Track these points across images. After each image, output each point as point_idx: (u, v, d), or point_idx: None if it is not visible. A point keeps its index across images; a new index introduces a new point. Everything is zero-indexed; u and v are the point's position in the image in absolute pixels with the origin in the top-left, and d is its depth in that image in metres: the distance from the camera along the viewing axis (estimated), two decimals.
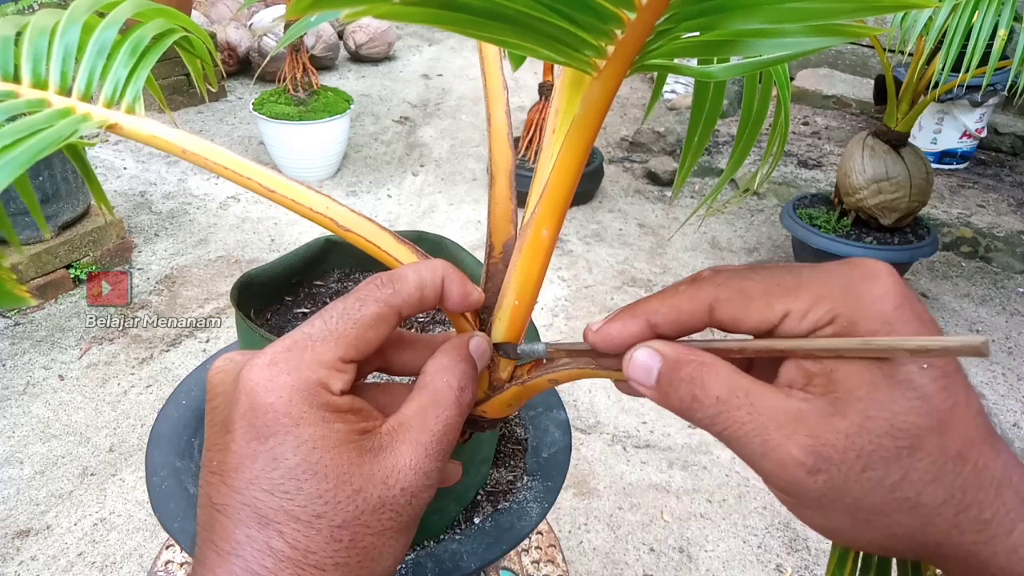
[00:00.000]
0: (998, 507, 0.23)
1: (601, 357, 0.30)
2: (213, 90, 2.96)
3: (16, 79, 0.35)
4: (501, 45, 0.25)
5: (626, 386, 0.31)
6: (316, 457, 0.25)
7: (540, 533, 1.04)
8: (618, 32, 0.25)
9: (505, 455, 0.59)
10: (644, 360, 0.26)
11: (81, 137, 0.32)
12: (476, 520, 0.53)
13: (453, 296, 0.30)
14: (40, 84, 0.35)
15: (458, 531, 0.53)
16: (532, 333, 0.55)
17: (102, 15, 0.38)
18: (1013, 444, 1.67)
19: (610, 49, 0.26)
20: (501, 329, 0.33)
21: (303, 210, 0.34)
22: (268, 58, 0.87)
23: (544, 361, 0.33)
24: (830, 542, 0.34)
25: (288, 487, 0.25)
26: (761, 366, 0.28)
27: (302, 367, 0.26)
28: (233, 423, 0.26)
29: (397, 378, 0.40)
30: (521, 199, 0.33)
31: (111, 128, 0.34)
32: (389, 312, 0.28)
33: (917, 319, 0.24)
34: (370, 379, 0.37)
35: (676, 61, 0.28)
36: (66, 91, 0.35)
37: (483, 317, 0.34)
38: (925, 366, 0.23)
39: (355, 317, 0.27)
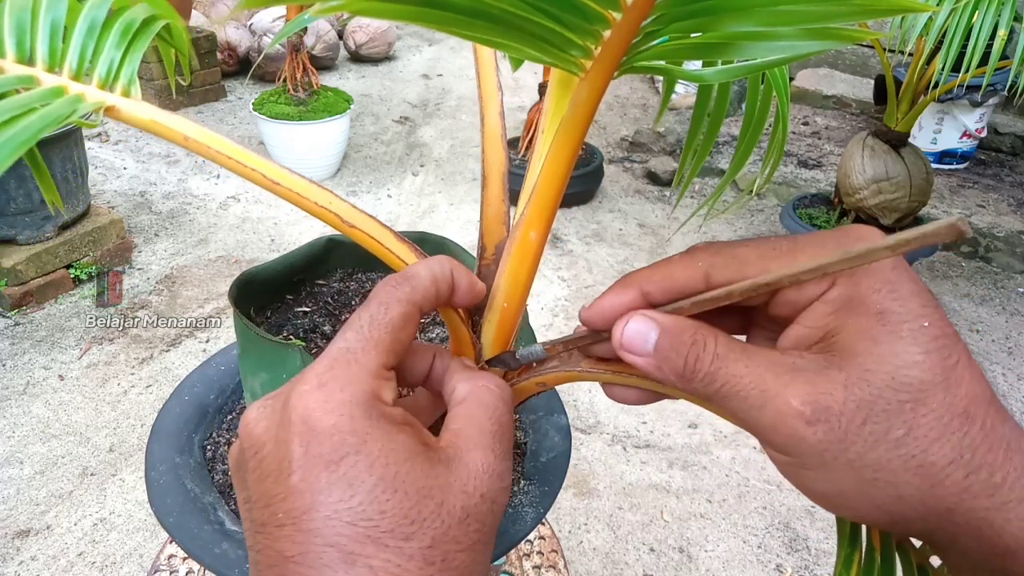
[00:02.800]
0: (1008, 471, 0.22)
1: (598, 343, 0.30)
2: (184, 82, 2.89)
3: None
4: (486, 44, 0.24)
5: (613, 390, 0.31)
6: (392, 472, 0.23)
7: (543, 538, 1.03)
8: (604, 32, 0.24)
9: None
10: (640, 328, 0.26)
11: (81, 118, 0.31)
12: None
13: (463, 287, 0.30)
14: (26, 60, 0.33)
15: None
16: (528, 335, 0.55)
17: None
18: None
19: (597, 50, 0.25)
20: (491, 332, 0.33)
21: (307, 204, 0.33)
22: (262, 55, 0.86)
23: (533, 364, 0.33)
24: (830, 541, 0.33)
25: (371, 512, 0.23)
26: (759, 340, 0.28)
27: (353, 381, 0.25)
28: (292, 462, 0.24)
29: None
30: (518, 199, 0.33)
31: (108, 111, 0.32)
32: (413, 310, 0.27)
33: (912, 281, 0.24)
34: None
35: (668, 63, 0.28)
36: (55, 69, 0.33)
37: (475, 319, 0.34)
38: (927, 323, 0.23)
39: (385, 321, 0.26)
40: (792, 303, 0.25)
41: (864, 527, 0.33)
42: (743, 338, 0.29)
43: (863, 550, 0.32)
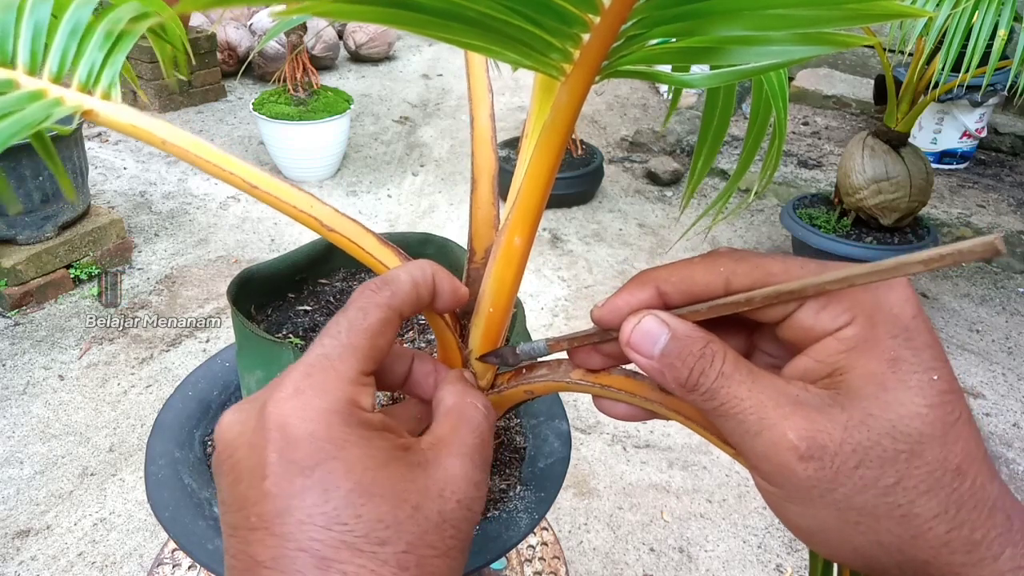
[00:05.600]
0: (989, 528, 0.22)
1: (605, 342, 0.29)
2: (182, 77, 2.90)
3: None
4: (464, 47, 0.24)
5: (603, 403, 0.31)
6: (369, 478, 0.23)
7: (545, 544, 1.03)
8: (583, 36, 0.24)
9: (501, 463, 0.59)
10: (652, 328, 0.26)
11: (58, 123, 0.31)
12: None
13: (445, 292, 0.29)
14: (7, 63, 0.33)
15: None
16: (524, 338, 0.54)
17: None
18: (1013, 444, 1.67)
19: (576, 53, 0.25)
20: (478, 336, 0.33)
21: (286, 208, 0.33)
22: (252, 54, 0.86)
23: (523, 370, 0.33)
24: None
25: (345, 517, 0.23)
26: (760, 365, 0.28)
27: (329, 388, 0.24)
28: (267, 467, 0.23)
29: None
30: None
31: (87, 115, 0.32)
32: (392, 315, 0.27)
33: (929, 332, 0.24)
34: None
35: (657, 68, 0.27)
36: (36, 72, 0.33)
37: (463, 323, 0.34)
38: (936, 377, 0.23)
39: (363, 327, 0.26)
40: (806, 329, 0.25)
41: (836, 566, 0.33)
42: None
43: None
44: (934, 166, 2.48)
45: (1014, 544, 0.22)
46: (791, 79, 3.41)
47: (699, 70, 0.31)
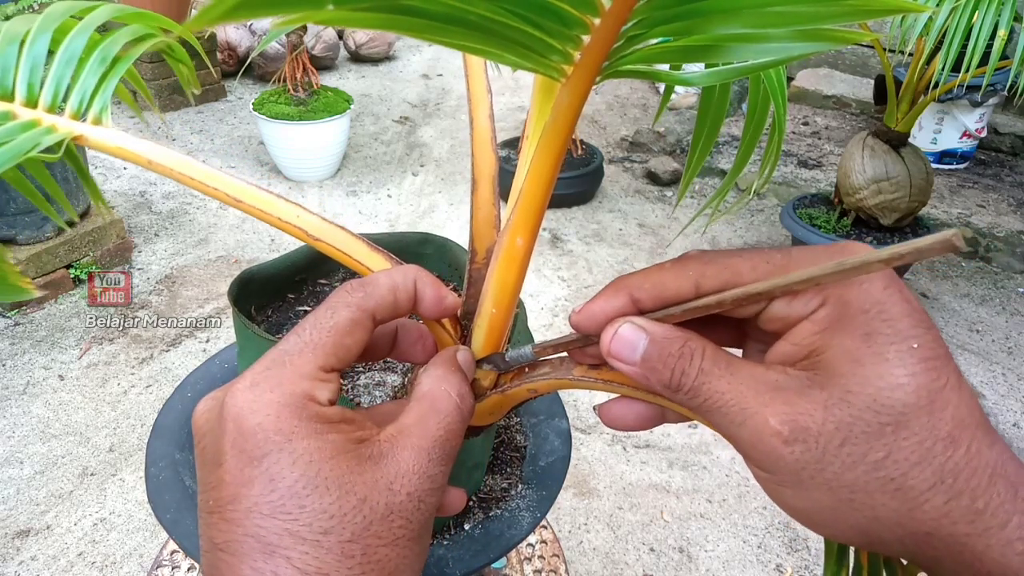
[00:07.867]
0: (991, 496, 0.22)
1: (589, 345, 0.30)
2: (196, 92, 2.95)
3: None
4: (464, 50, 0.24)
5: (611, 415, 0.31)
6: (315, 470, 0.24)
7: (544, 542, 1.03)
8: (584, 37, 0.24)
9: (502, 462, 0.59)
10: (629, 336, 0.26)
11: (44, 151, 0.32)
12: (466, 527, 0.53)
13: (427, 299, 0.29)
14: (6, 96, 0.34)
15: (447, 537, 0.52)
16: (526, 338, 0.54)
17: (80, 19, 0.37)
18: (1013, 444, 1.67)
19: (577, 55, 0.25)
20: (480, 337, 0.33)
21: (271, 219, 0.33)
22: (253, 54, 0.86)
23: (526, 369, 0.33)
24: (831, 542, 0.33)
25: (290, 507, 0.23)
26: (750, 355, 0.28)
27: (284, 382, 0.25)
28: (223, 455, 0.25)
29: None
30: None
31: (77, 140, 0.33)
32: (362, 316, 0.27)
33: (905, 301, 0.24)
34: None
35: (656, 67, 0.27)
36: (33, 103, 0.34)
37: (464, 324, 0.34)
38: (916, 345, 0.23)
39: (328, 325, 0.27)
40: (781, 319, 0.25)
41: (852, 547, 0.32)
42: (739, 351, 0.29)
43: (850, 569, 0.32)
44: (934, 166, 2.48)
45: (1021, 512, 0.22)
46: (791, 79, 3.41)
47: (697, 68, 0.31)
